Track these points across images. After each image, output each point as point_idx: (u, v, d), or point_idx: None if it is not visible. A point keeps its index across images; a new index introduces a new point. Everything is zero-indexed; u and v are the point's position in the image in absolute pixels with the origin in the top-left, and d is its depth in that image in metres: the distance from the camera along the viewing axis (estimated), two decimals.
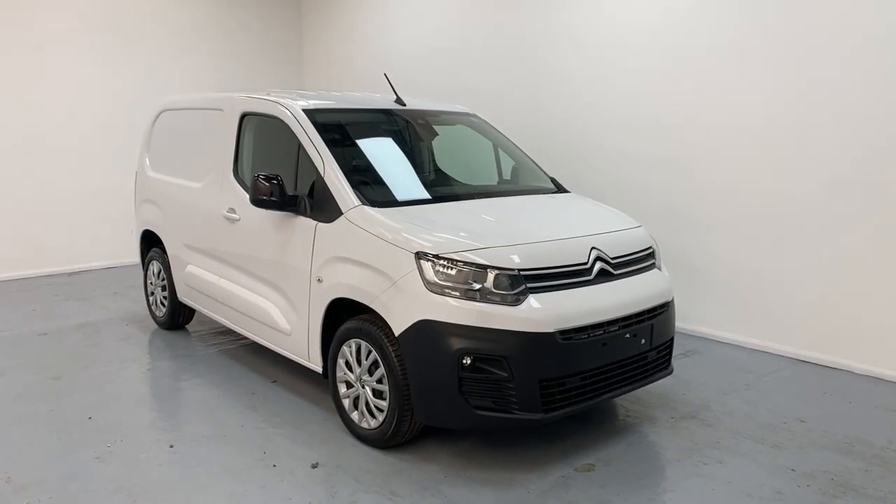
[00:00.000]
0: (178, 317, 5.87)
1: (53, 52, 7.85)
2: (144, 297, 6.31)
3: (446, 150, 5.17)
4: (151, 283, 6.09)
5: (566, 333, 3.41)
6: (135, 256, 6.42)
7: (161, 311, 5.97)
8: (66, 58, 7.95)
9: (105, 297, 7.08)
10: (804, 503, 3.28)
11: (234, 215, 4.71)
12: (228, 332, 5.82)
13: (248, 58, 9.50)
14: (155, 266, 5.97)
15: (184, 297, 5.58)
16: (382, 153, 4.56)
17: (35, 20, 7.67)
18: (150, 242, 6.07)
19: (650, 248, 4.17)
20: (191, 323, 6.04)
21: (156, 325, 6.08)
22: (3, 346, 5.53)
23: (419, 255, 3.47)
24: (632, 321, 3.69)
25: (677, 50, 5.75)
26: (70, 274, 8.10)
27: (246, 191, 4.59)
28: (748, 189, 5.44)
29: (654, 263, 4.15)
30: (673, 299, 4.09)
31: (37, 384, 4.71)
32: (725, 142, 5.54)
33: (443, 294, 3.39)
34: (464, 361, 3.34)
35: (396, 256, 3.55)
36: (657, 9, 5.84)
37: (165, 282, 5.80)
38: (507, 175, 5.02)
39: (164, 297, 5.88)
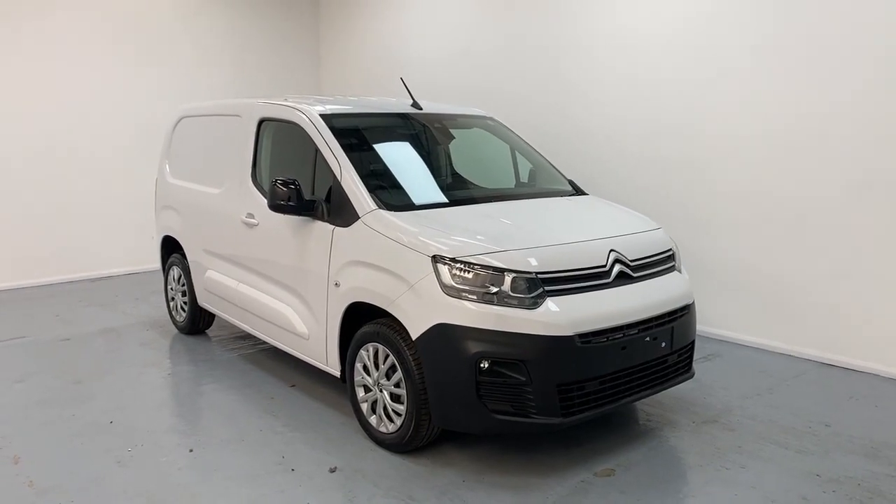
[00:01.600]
0: (198, 322, 5.91)
1: (76, 60, 7.96)
2: (165, 303, 6.37)
3: (463, 154, 5.16)
4: (172, 289, 6.14)
5: (585, 337, 3.37)
6: (156, 262, 6.48)
7: (181, 316, 6.02)
8: (88, 66, 8.06)
9: (126, 302, 7.16)
10: None
11: (252, 220, 4.74)
12: (248, 337, 5.85)
13: (266, 64, 9.58)
14: (175, 271, 6.02)
15: (204, 302, 5.62)
16: (399, 157, 4.56)
17: (58, 29, 7.78)
18: (171, 248, 6.12)
19: (670, 250, 4.12)
20: (211, 328, 6.09)
21: (176, 330, 6.13)
22: (26, 351, 5.60)
23: (436, 259, 3.46)
24: (652, 324, 3.65)
25: (695, 55, 5.69)
26: (92, 280, 8.20)
27: (264, 196, 4.61)
28: (769, 191, 5.37)
29: (674, 266, 4.10)
30: (693, 302, 4.04)
31: (59, 389, 4.76)
32: (745, 145, 5.47)
33: (460, 298, 3.37)
34: (481, 365, 3.31)
35: (413, 260, 3.54)
36: (675, 15, 5.80)
37: (185, 287, 5.85)
38: (524, 178, 5.00)
39: (185, 303, 5.93)
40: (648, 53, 6.03)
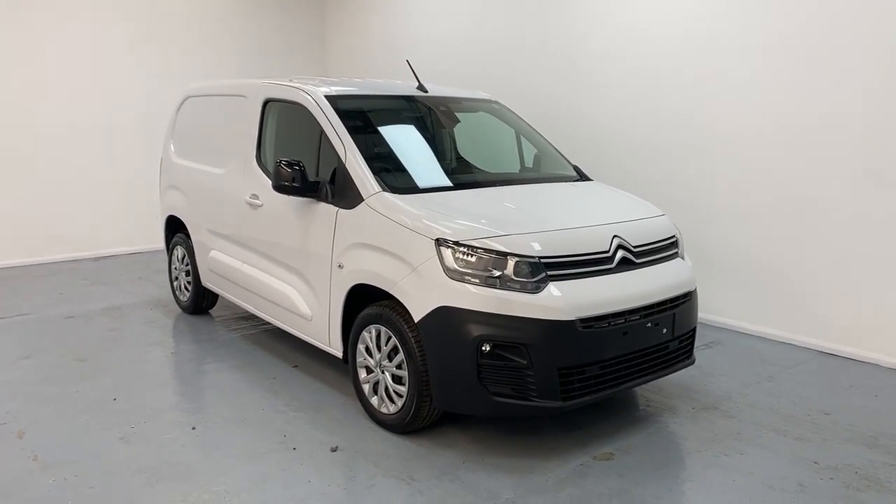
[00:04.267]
0: (201, 301, 5.93)
1: (80, 41, 7.94)
2: (169, 282, 6.39)
3: (468, 137, 5.14)
4: (175, 269, 6.16)
5: (586, 321, 3.38)
6: (160, 242, 6.49)
7: (185, 296, 6.04)
8: (94, 48, 8.05)
9: (130, 281, 7.19)
10: (827, 496, 3.24)
11: (256, 201, 4.74)
12: (251, 317, 5.88)
13: (272, 46, 9.54)
14: (179, 251, 6.04)
15: (207, 282, 5.64)
16: (404, 140, 4.55)
17: (65, 12, 7.76)
18: (175, 228, 6.13)
19: (673, 236, 4.12)
20: (214, 308, 6.11)
21: (180, 310, 6.16)
22: (31, 328, 5.63)
23: (439, 242, 3.47)
24: (653, 310, 3.66)
25: (702, 45, 5.65)
26: (96, 259, 8.23)
27: (268, 177, 4.61)
28: (773, 180, 5.35)
29: (676, 252, 4.10)
30: (696, 289, 4.05)
31: (63, 366, 4.80)
32: (750, 135, 5.44)
33: (462, 281, 3.38)
34: (483, 348, 3.33)
35: (416, 243, 3.54)
36: (684, 4, 5.77)
37: (189, 267, 5.87)
38: (529, 162, 4.99)
39: (188, 282, 5.95)
40: (656, 42, 5.98)
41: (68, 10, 7.81)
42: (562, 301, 3.34)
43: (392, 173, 4.09)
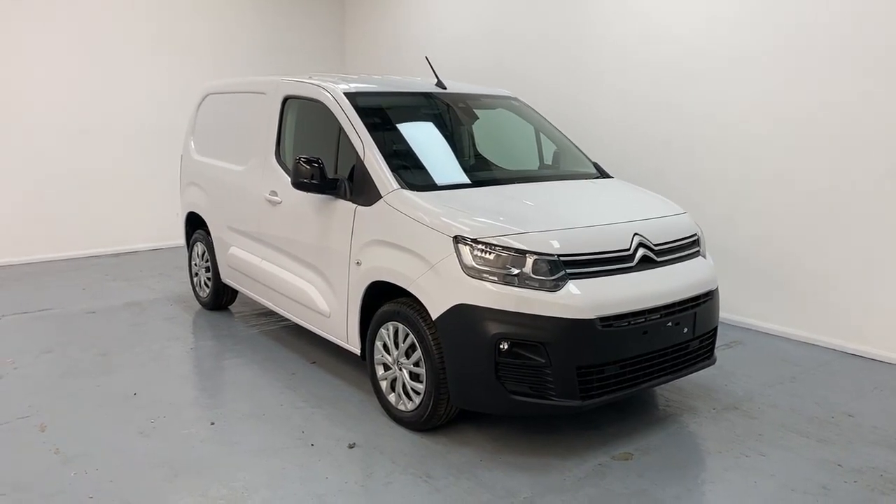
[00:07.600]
0: (221, 298, 5.97)
1: (103, 37, 8.02)
2: (189, 278, 6.44)
3: (487, 134, 5.12)
4: (195, 265, 6.20)
5: (606, 320, 3.35)
6: (180, 238, 6.54)
7: (205, 292, 6.09)
8: (116, 45, 8.11)
9: (151, 277, 7.25)
10: (851, 500, 3.19)
11: (275, 198, 4.76)
12: (270, 314, 5.91)
13: (291, 43, 9.56)
14: (199, 248, 6.08)
15: (227, 278, 5.67)
16: (422, 137, 4.54)
17: (86, 10, 7.84)
18: (195, 224, 6.17)
19: (695, 235, 4.07)
20: (233, 304, 6.15)
21: (199, 306, 6.20)
22: (53, 323, 5.70)
23: (457, 240, 3.45)
24: (674, 309, 3.62)
25: (723, 41, 5.58)
26: (117, 255, 8.31)
27: (288, 174, 4.62)
28: (795, 178, 5.27)
29: (698, 251, 4.05)
30: (717, 288, 4.00)
31: (85, 360, 4.85)
32: (774, 133, 5.37)
33: (480, 279, 3.36)
34: (501, 346, 3.31)
35: (435, 240, 3.53)
36: (705, 3, 5.70)
37: (209, 263, 5.90)
38: (548, 160, 4.96)
39: (208, 279, 5.99)
40: (677, 39, 5.92)
41: (89, 8, 7.88)
42: (581, 299, 3.32)
43: (410, 170, 4.08)
